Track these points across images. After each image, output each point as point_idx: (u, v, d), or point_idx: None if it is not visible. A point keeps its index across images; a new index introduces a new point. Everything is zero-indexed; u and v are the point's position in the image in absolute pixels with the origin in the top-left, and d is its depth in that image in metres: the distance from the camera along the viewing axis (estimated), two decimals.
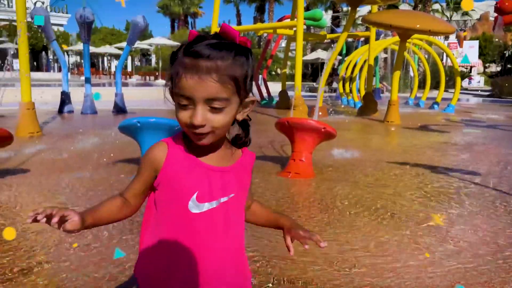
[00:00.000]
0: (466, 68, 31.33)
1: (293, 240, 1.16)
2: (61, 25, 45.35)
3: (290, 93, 12.92)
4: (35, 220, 0.92)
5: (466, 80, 29.54)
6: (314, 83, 25.90)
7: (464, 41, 31.23)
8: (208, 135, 1.01)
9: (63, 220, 0.96)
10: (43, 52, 40.79)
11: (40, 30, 10.16)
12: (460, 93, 13.76)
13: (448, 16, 41.91)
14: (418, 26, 8.74)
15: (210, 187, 1.05)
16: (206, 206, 1.05)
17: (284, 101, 12.16)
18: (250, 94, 1.06)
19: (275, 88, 15.52)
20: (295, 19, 9.98)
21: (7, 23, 33.95)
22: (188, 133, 1.02)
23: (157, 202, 1.08)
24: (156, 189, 1.07)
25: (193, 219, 1.04)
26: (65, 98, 10.39)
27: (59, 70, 36.86)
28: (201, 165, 1.05)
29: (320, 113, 9.09)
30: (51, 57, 41.82)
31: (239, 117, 1.06)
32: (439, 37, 20.31)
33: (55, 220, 0.93)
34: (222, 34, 0.99)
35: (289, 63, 16.37)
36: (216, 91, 0.95)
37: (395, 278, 2.15)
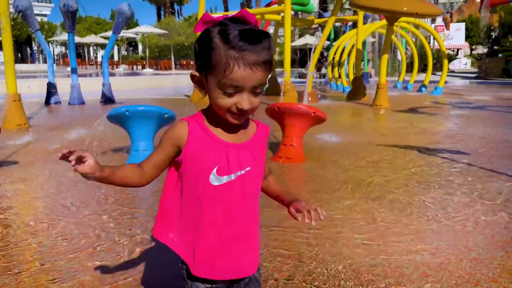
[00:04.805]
0: (453, 51, 31.46)
1: (298, 211, 1.25)
2: (45, 15, 44.54)
3: (279, 79, 12.90)
4: (64, 158, 1.02)
5: (453, 62, 29.71)
6: (303, 69, 25.84)
7: (451, 24, 31.28)
8: (245, 115, 1.12)
9: (80, 160, 1.04)
10: (27, 44, 40.10)
11: (23, 20, 9.91)
12: (447, 75, 13.86)
13: None
14: (405, 8, 8.76)
15: (228, 162, 1.14)
16: (225, 179, 1.15)
17: (274, 88, 12.13)
18: None
19: None
20: (283, 4, 9.91)
21: None
22: (223, 114, 1.11)
23: (182, 175, 1.17)
24: (181, 163, 1.17)
25: (214, 190, 1.14)
26: (51, 89, 10.26)
27: (44, 61, 36.34)
28: (219, 142, 1.15)
29: (310, 99, 9.10)
30: (35, 48, 41.11)
31: None
32: (426, 20, 20.35)
33: (72, 157, 1.01)
34: (242, 19, 1.06)
35: (277, 49, 16.27)
36: (262, 79, 1.06)
37: (387, 256, 2.20)
